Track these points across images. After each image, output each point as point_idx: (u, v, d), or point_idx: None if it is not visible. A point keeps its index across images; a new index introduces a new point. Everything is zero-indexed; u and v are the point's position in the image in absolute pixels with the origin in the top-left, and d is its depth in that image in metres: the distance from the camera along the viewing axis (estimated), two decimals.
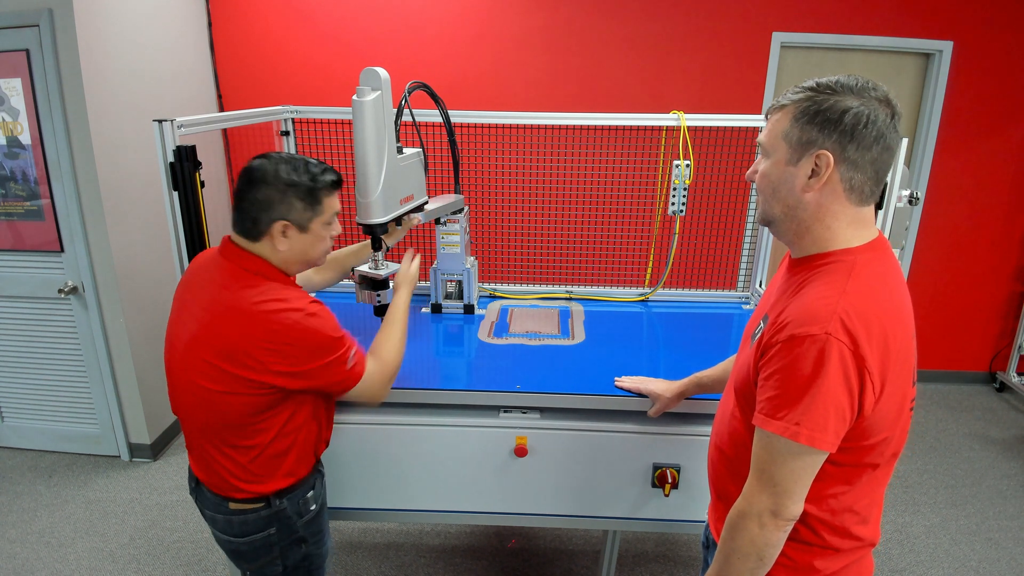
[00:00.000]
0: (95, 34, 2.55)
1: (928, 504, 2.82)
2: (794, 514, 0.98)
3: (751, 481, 1.01)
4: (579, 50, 3.37)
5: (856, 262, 0.99)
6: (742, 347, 1.20)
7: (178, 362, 1.29)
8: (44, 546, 2.45)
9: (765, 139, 1.04)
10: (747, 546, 1.00)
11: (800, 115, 0.98)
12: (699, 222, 2.40)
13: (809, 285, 0.99)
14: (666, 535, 2.57)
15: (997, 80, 3.41)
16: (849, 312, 0.92)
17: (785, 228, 1.05)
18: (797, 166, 0.99)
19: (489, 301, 2.34)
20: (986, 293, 3.78)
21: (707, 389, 1.53)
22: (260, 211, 1.25)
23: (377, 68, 1.50)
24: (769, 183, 1.04)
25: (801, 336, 0.92)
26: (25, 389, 2.98)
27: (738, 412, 1.12)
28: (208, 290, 1.27)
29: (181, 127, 1.56)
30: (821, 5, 3.31)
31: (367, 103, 1.47)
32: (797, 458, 0.94)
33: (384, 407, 1.65)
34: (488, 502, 1.71)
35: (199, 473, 1.37)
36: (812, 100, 0.97)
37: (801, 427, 0.92)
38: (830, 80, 0.97)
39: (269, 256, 1.29)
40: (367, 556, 2.44)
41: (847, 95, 0.95)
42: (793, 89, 1.01)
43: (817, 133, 0.96)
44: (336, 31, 3.35)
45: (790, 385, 0.93)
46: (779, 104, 1.02)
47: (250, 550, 1.38)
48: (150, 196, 2.87)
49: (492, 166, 2.43)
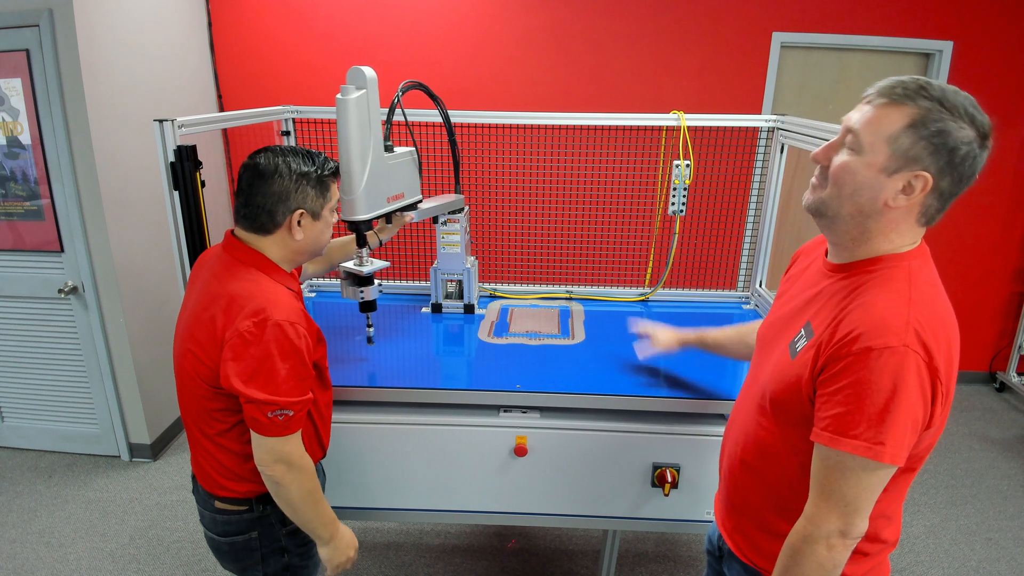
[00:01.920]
0: (95, 34, 2.55)
1: (928, 504, 2.82)
2: (862, 531, 0.94)
3: (815, 502, 0.95)
4: (579, 50, 3.37)
5: (912, 268, 0.95)
6: (767, 354, 1.13)
7: (177, 352, 1.32)
8: (44, 546, 2.45)
9: (864, 132, 0.93)
10: (815, 571, 0.95)
11: (919, 125, 0.89)
12: (699, 222, 2.40)
13: (867, 293, 0.94)
14: (666, 535, 2.57)
15: (997, 80, 3.41)
16: (922, 323, 0.89)
17: (845, 230, 0.98)
18: (890, 177, 0.91)
19: (489, 301, 2.34)
20: (986, 293, 3.78)
21: (707, 348, 1.56)
22: (276, 203, 1.26)
23: (363, 67, 1.51)
24: (852, 181, 0.94)
25: (879, 348, 0.87)
26: (25, 389, 2.98)
27: (767, 423, 1.07)
28: (205, 282, 1.29)
29: (182, 127, 1.56)
30: (821, 5, 3.31)
31: (350, 101, 1.48)
32: (872, 475, 0.91)
33: (384, 407, 1.66)
34: (488, 502, 1.71)
35: (193, 466, 1.39)
36: (937, 114, 0.88)
37: (886, 447, 0.88)
38: (954, 93, 0.89)
39: (281, 248, 1.31)
40: (367, 556, 2.44)
41: (966, 122, 0.88)
42: (911, 85, 0.90)
43: (928, 154, 0.89)
44: (336, 31, 3.35)
45: (866, 401, 0.88)
46: (893, 97, 0.91)
47: (231, 550, 1.39)
48: (150, 196, 2.87)
49: (492, 166, 2.42)
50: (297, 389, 1.22)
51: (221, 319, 1.20)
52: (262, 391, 1.18)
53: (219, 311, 1.21)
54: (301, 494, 1.27)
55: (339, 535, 1.37)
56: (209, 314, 1.22)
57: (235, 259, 1.28)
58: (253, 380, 1.18)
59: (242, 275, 1.25)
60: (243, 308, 1.19)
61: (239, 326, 1.18)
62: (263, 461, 1.23)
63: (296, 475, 1.25)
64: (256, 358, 1.18)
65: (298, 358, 1.22)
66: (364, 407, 1.65)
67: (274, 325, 1.18)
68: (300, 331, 1.22)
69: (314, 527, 1.32)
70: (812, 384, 0.96)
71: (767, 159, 2.25)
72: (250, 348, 1.17)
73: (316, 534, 1.34)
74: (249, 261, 1.28)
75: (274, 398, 1.18)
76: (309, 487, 1.28)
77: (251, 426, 1.22)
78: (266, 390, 1.18)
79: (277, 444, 1.22)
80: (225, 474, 1.31)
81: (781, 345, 1.08)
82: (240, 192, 1.28)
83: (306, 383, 1.25)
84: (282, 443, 1.23)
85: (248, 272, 1.26)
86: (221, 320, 1.20)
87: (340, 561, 1.37)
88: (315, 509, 1.30)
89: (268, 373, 1.18)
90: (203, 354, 1.22)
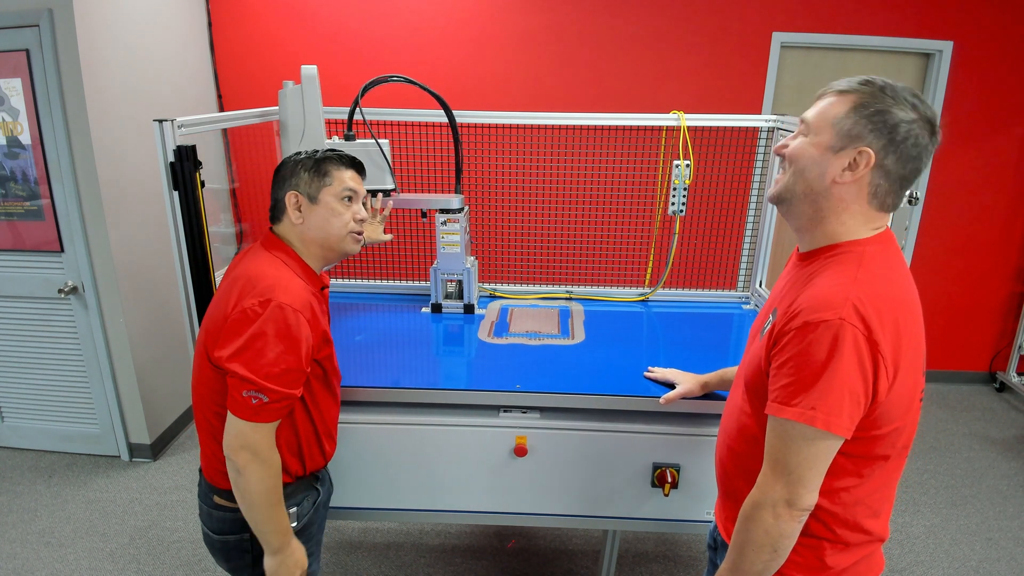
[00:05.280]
0: (95, 34, 2.55)
1: (928, 504, 2.82)
2: (808, 504, 0.98)
3: (765, 471, 1.01)
4: (579, 50, 3.37)
5: (865, 252, 1.00)
6: (749, 343, 1.20)
7: (200, 335, 1.34)
8: (44, 546, 2.45)
9: (813, 118, 1.03)
10: (761, 537, 1.00)
11: (859, 107, 0.97)
12: (699, 222, 2.40)
13: (820, 275, 1.00)
14: (666, 535, 2.57)
15: (997, 80, 3.41)
16: (861, 298, 0.93)
17: (800, 211, 1.05)
18: (836, 155, 0.99)
19: (489, 301, 2.34)
20: (986, 293, 3.78)
21: (727, 387, 1.54)
22: (277, 189, 1.35)
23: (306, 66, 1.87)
24: (802, 160, 1.03)
25: (815, 322, 0.93)
26: (25, 389, 2.98)
27: (747, 407, 1.12)
28: (234, 266, 1.34)
29: (181, 127, 1.56)
30: (821, 5, 3.31)
31: (287, 92, 1.86)
32: (812, 444, 0.94)
33: (384, 407, 1.66)
34: (488, 502, 1.71)
35: (201, 454, 1.39)
36: (876, 97, 0.97)
37: (817, 411, 0.92)
38: (895, 84, 0.98)
39: (291, 235, 1.35)
40: (367, 556, 2.44)
41: (906, 105, 0.96)
42: (857, 79, 1.00)
43: (868, 131, 0.97)
44: (336, 31, 3.35)
45: (804, 371, 0.93)
46: (838, 88, 1.01)
47: (223, 549, 1.39)
48: (150, 196, 2.87)
49: (492, 166, 2.43)
50: (281, 378, 1.20)
51: (234, 297, 1.23)
52: (245, 367, 1.17)
53: (236, 291, 1.24)
54: (260, 489, 1.23)
55: (290, 549, 1.31)
56: (227, 295, 1.25)
57: (263, 246, 1.35)
58: (239, 354, 1.18)
59: (264, 259, 1.30)
60: (254, 288, 1.22)
61: (244, 303, 1.21)
62: (230, 445, 1.21)
63: (259, 467, 1.22)
64: (250, 335, 1.18)
65: (291, 345, 1.21)
66: (364, 407, 1.65)
67: (276, 307, 1.20)
68: (301, 320, 1.22)
69: (266, 531, 1.27)
70: (768, 361, 1.02)
71: (767, 159, 2.25)
72: (248, 324, 1.19)
73: (266, 540, 1.28)
74: (275, 248, 1.33)
75: (253, 377, 1.17)
76: (270, 485, 1.24)
77: (227, 403, 1.22)
78: (248, 367, 1.17)
79: (246, 429, 1.20)
80: (223, 459, 1.30)
81: (755, 334, 1.16)
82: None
83: (293, 377, 1.23)
84: (251, 429, 1.20)
85: (270, 258, 1.31)
86: (233, 298, 1.23)
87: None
88: (271, 511, 1.26)
89: (256, 351, 1.18)
90: (214, 331, 1.24)
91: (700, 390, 1.57)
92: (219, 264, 1.70)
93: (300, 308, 1.23)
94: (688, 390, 1.56)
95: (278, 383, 1.20)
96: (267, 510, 1.26)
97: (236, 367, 1.18)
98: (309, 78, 1.85)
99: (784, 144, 1.08)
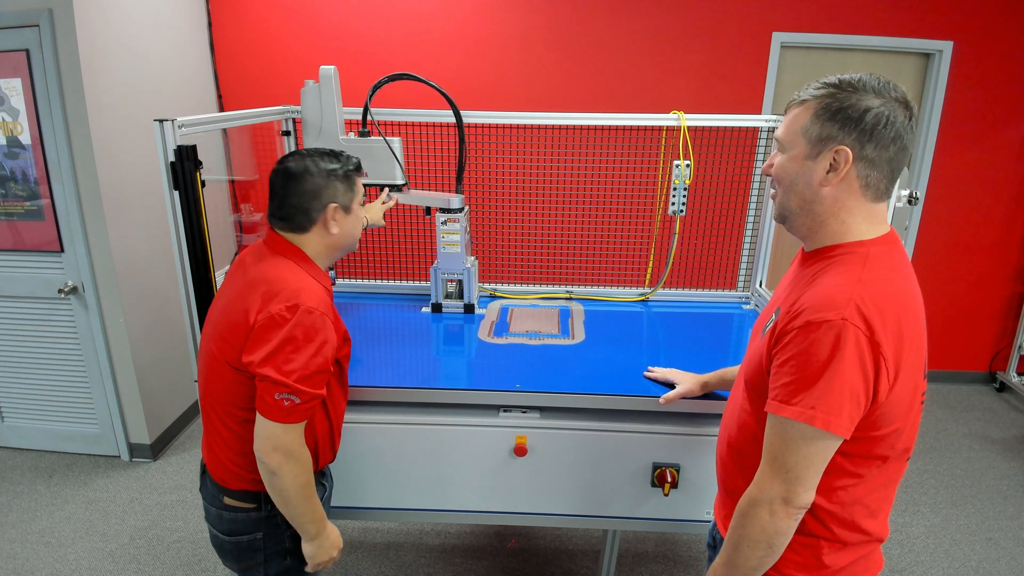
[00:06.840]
0: (95, 34, 2.55)
1: (928, 504, 2.82)
2: (805, 502, 0.98)
3: (763, 468, 1.01)
4: (579, 50, 3.37)
5: (869, 253, 1.00)
6: (751, 342, 1.20)
7: (205, 338, 1.34)
8: (44, 546, 2.45)
9: (782, 134, 1.05)
10: (757, 534, 1.01)
11: (821, 111, 0.98)
12: (699, 222, 2.40)
13: (823, 274, 1.00)
14: (666, 535, 2.57)
15: (997, 80, 3.41)
16: (865, 299, 0.93)
17: (800, 223, 1.06)
18: (816, 161, 1.00)
19: (489, 301, 2.34)
20: (986, 293, 3.78)
21: (727, 387, 1.54)
22: (310, 200, 1.32)
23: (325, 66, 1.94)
24: (786, 177, 1.05)
25: (817, 322, 0.93)
26: (25, 389, 2.98)
27: (748, 405, 1.12)
28: (246, 269, 1.33)
29: (182, 127, 1.56)
30: (821, 5, 3.31)
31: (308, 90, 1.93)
32: (811, 443, 0.95)
33: (384, 407, 1.66)
34: (488, 502, 1.71)
35: (206, 456, 1.39)
36: (834, 97, 0.98)
37: (817, 411, 0.92)
38: (852, 78, 0.98)
39: (318, 243, 1.35)
40: (367, 556, 2.44)
41: (868, 94, 0.96)
42: (814, 85, 1.01)
43: (837, 130, 0.97)
44: (336, 31, 3.35)
45: (806, 370, 0.93)
46: (799, 99, 1.02)
47: (234, 549, 1.39)
48: (150, 196, 2.87)
49: (492, 165, 2.43)
50: (311, 379, 1.24)
51: (256, 303, 1.24)
52: (276, 371, 1.20)
53: (256, 296, 1.25)
54: (296, 486, 1.27)
55: (326, 533, 1.37)
56: (244, 300, 1.26)
57: (274, 251, 1.34)
58: (271, 359, 1.21)
59: (280, 265, 1.31)
60: (278, 294, 1.24)
61: (271, 309, 1.22)
62: (261, 449, 1.24)
63: (293, 466, 1.26)
64: (281, 339, 1.21)
65: (320, 347, 1.24)
66: (364, 407, 1.65)
67: (305, 311, 1.22)
68: (327, 322, 1.26)
69: (303, 522, 1.32)
70: (769, 359, 1.02)
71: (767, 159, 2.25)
72: (277, 329, 1.21)
73: (304, 529, 1.34)
74: (287, 253, 1.33)
75: (286, 380, 1.20)
76: (304, 480, 1.29)
77: (257, 407, 1.24)
78: (280, 371, 1.20)
79: (278, 431, 1.23)
80: (238, 461, 1.32)
81: (757, 333, 1.16)
82: (274, 196, 1.34)
83: (323, 377, 1.27)
84: (283, 430, 1.23)
85: (285, 263, 1.31)
86: (256, 304, 1.24)
87: (323, 560, 1.38)
88: (307, 504, 1.31)
89: (287, 354, 1.21)
90: (233, 337, 1.25)
91: (700, 390, 1.57)
92: (219, 264, 1.71)
93: (325, 311, 1.27)
94: (688, 390, 1.56)
95: (309, 384, 1.23)
96: (304, 503, 1.30)
97: (269, 371, 1.20)
98: (326, 77, 1.94)
99: (769, 164, 1.10)
